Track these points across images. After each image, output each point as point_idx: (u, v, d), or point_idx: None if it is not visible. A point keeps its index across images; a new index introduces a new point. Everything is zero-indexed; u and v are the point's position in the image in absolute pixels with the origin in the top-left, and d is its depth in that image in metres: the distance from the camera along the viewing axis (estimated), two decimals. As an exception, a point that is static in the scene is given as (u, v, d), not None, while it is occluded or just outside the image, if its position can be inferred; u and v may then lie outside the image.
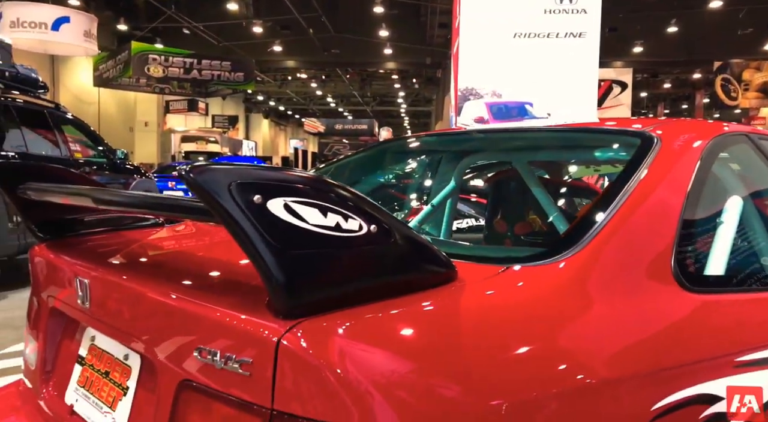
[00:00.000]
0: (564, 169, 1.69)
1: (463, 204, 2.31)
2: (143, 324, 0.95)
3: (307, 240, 0.74)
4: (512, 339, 0.84)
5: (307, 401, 0.72)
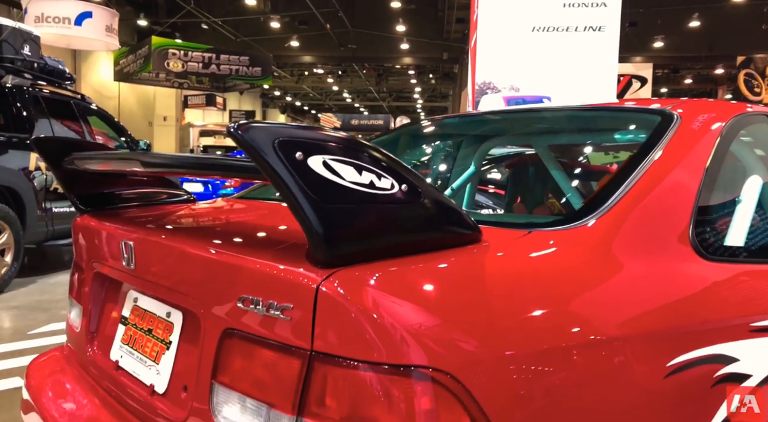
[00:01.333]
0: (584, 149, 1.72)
1: (481, 195, 2.36)
2: (188, 279, 1.02)
3: (344, 195, 0.80)
4: (533, 293, 0.88)
5: (343, 342, 0.78)
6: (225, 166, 0.94)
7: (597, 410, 0.86)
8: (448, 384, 0.76)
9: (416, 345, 0.76)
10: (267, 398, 0.85)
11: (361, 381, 0.77)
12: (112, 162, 1.16)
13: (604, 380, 0.87)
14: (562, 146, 1.74)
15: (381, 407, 0.76)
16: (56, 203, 5.01)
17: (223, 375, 0.92)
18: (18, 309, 4.05)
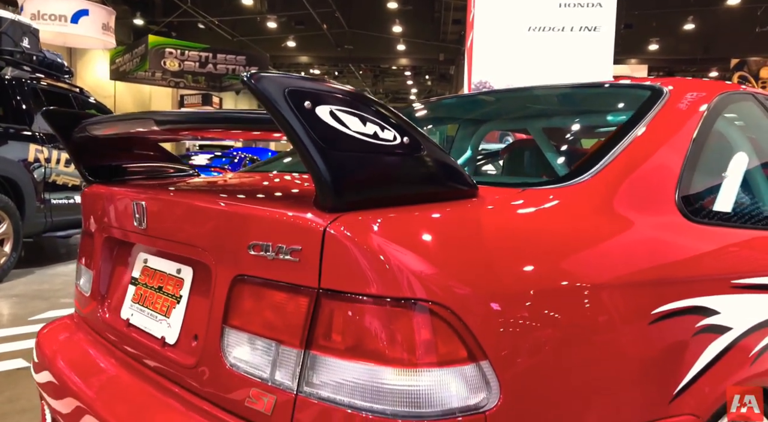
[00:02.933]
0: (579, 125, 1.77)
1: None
2: (200, 232, 1.07)
3: (349, 143, 0.85)
4: (526, 240, 0.94)
5: (349, 278, 0.83)
6: (239, 119, 0.99)
7: (585, 349, 0.92)
8: (446, 316, 0.82)
9: (416, 280, 0.82)
10: (276, 335, 0.91)
11: (365, 314, 0.82)
12: (126, 123, 1.20)
13: (591, 322, 0.93)
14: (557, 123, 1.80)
15: (383, 337, 0.81)
16: (55, 195, 5.05)
17: (234, 319, 0.97)
18: (18, 298, 4.08)
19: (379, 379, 0.81)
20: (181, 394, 1.06)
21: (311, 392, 0.86)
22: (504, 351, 0.84)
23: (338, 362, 0.84)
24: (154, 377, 1.14)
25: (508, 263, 0.90)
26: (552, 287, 0.91)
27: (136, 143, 1.61)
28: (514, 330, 0.86)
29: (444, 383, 0.81)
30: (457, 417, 0.80)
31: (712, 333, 1.09)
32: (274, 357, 0.91)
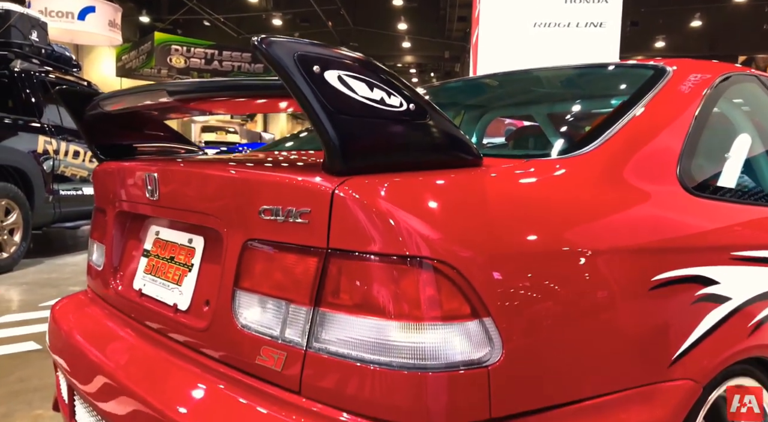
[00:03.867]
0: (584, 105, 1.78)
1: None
2: (212, 199, 1.10)
3: (357, 108, 0.88)
4: (529, 204, 0.97)
5: (356, 238, 0.86)
6: (250, 86, 1.02)
7: (585, 311, 0.94)
8: (450, 274, 0.84)
9: (421, 239, 0.84)
10: (286, 295, 0.94)
11: (372, 271, 0.85)
12: (138, 96, 1.23)
13: (592, 285, 0.96)
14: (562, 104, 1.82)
15: (389, 293, 0.84)
16: (63, 186, 5.10)
17: (245, 282, 1.01)
18: (28, 285, 4.14)
19: (386, 333, 0.84)
20: (193, 357, 1.09)
21: (320, 347, 0.89)
22: (507, 310, 0.87)
23: (346, 318, 0.87)
24: (167, 342, 1.18)
25: (512, 226, 0.92)
26: (554, 250, 0.94)
27: (146, 123, 1.65)
28: (516, 289, 0.88)
29: (448, 338, 0.83)
30: (460, 370, 0.83)
31: (711, 302, 1.11)
32: (284, 315, 0.94)
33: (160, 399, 1.04)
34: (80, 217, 5.33)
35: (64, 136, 5.12)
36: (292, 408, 0.89)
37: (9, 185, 4.55)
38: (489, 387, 0.84)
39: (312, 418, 0.87)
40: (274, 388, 0.93)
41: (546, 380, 0.89)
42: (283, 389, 0.92)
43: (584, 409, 0.92)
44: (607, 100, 1.33)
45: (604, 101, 1.37)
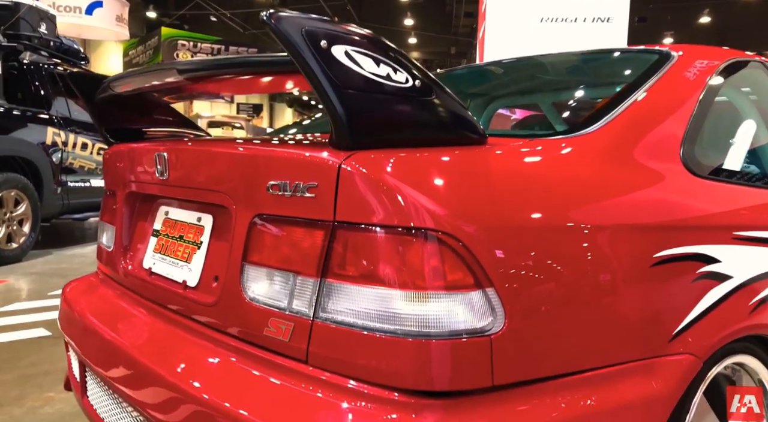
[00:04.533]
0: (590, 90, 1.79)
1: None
2: (221, 176, 1.12)
3: (363, 83, 0.90)
4: (533, 180, 0.98)
5: (362, 210, 0.88)
6: (258, 63, 1.04)
7: (587, 284, 0.96)
8: (454, 246, 0.86)
9: (426, 211, 0.86)
10: (294, 267, 0.96)
11: (378, 243, 0.87)
12: (148, 76, 1.26)
13: (594, 260, 0.97)
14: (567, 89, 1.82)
15: (395, 264, 0.86)
16: (71, 177, 5.15)
17: (253, 256, 1.03)
18: (37, 275, 4.19)
19: (391, 303, 0.86)
20: (202, 331, 1.12)
21: (327, 317, 0.91)
22: (509, 281, 0.88)
23: (352, 288, 0.89)
24: (176, 318, 1.20)
25: (515, 201, 0.94)
26: (557, 225, 0.95)
27: (155, 108, 1.67)
28: (519, 262, 0.90)
29: (451, 307, 0.85)
30: (463, 338, 0.85)
31: (712, 279, 1.13)
32: (292, 287, 0.96)
33: (171, 371, 1.07)
34: (88, 209, 5.38)
35: (73, 128, 5.16)
36: (300, 377, 0.92)
37: (18, 176, 4.60)
38: (491, 355, 0.85)
39: (319, 386, 0.89)
40: (282, 358, 0.95)
41: (547, 350, 0.91)
42: (291, 359, 0.94)
43: (584, 380, 0.94)
44: (613, 84, 1.34)
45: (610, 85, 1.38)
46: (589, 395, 0.93)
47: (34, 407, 2.06)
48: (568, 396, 0.91)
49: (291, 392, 0.91)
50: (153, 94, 1.59)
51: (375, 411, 0.84)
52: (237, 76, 1.12)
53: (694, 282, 1.10)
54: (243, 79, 1.17)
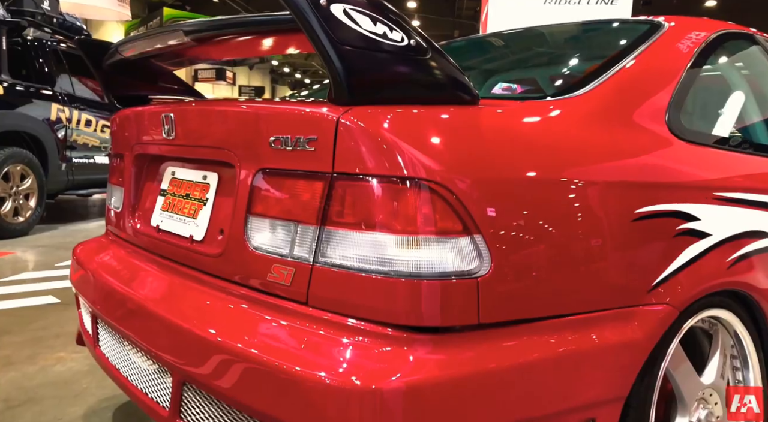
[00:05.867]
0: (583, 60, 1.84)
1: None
2: (225, 134, 1.18)
3: (361, 40, 0.95)
4: (522, 136, 1.04)
5: (359, 162, 0.94)
6: (261, 21, 1.09)
7: (570, 234, 1.02)
8: (444, 195, 0.92)
9: (419, 162, 0.92)
10: (295, 217, 1.02)
11: (373, 192, 0.93)
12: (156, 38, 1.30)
13: (577, 212, 1.03)
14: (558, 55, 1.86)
15: (389, 211, 0.92)
16: (76, 153, 5.21)
17: (257, 208, 1.09)
18: (44, 248, 4.27)
19: (385, 247, 0.92)
20: (209, 280, 1.18)
21: (325, 261, 0.97)
22: (496, 229, 0.94)
23: (350, 234, 0.96)
24: (184, 270, 1.27)
25: (504, 156, 1.00)
26: (542, 178, 1.01)
27: (160, 76, 1.73)
28: (506, 211, 0.96)
29: (442, 251, 0.92)
30: (452, 279, 0.91)
31: (691, 236, 1.19)
32: (293, 235, 1.02)
33: (182, 317, 1.14)
34: (92, 185, 5.44)
35: (77, 105, 5.20)
36: (302, 317, 0.99)
37: (24, 151, 4.66)
38: (478, 296, 0.92)
39: (320, 324, 0.96)
40: (284, 301, 1.02)
41: (531, 294, 0.98)
42: (293, 301, 1.01)
43: (566, 324, 1.00)
44: (604, 52, 1.39)
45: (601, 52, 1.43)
46: (570, 337, 1.00)
47: (46, 366, 2.14)
48: (550, 337, 0.98)
49: (295, 330, 0.98)
50: (158, 63, 1.65)
51: (371, 344, 0.91)
52: (240, 35, 1.17)
53: (674, 238, 1.16)
54: (246, 40, 1.22)
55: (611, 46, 1.50)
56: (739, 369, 1.33)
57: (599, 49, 1.56)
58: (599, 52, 1.51)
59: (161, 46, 1.32)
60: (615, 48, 1.42)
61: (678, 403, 1.21)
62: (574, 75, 1.39)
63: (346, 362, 0.90)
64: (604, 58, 1.33)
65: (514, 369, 0.94)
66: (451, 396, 0.88)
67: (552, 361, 0.97)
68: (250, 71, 25.28)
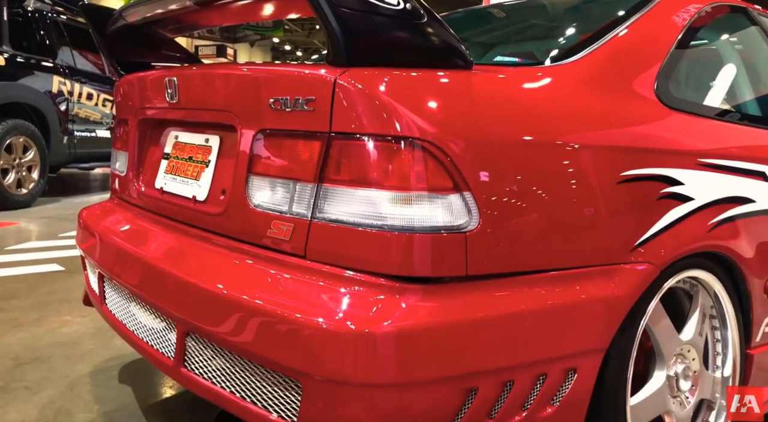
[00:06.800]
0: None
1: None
2: (227, 95, 1.22)
3: (359, 3, 0.98)
4: (513, 100, 1.08)
5: (355, 121, 0.98)
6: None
7: (556, 193, 1.07)
8: (436, 153, 0.97)
9: (412, 122, 0.96)
10: (294, 175, 1.07)
11: (369, 150, 0.98)
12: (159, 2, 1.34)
13: (563, 173, 1.08)
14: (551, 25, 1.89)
15: (383, 169, 0.97)
16: (78, 126, 5.23)
17: (258, 167, 1.14)
18: (47, 219, 4.34)
19: (379, 202, 0.97)
20: (211, 238, 1.24)
21: (323, 217, 1.02)
22: (485, 186, 0.99)
23: (346, 190, 1.00)
24: (187, 229, 1.32)
25: (495, 118, 1.04)
26: (530, 140, 1.06)
27: (163, 44, 1.76)
28: (495, 171, 1.01)
29: (433, 206, 0.97)
30: (442, 233, 0.96)
31: (675, 199, 1.23)
32: (292, 193, 1.07)
33: (184, 270, 1.20)
34: (94, 159, 5.49)
35: (78, 78, 5.21)
36: (301, 269, 1.04)
37: (26, 123, 4.69)
38: (466, 249, 0.97)
39: (317, 276, 1.02)
40: (284, 255, 1.08)
41: (517, 249, 1.03)
42: (291, 255, 1.06)
43: (550, 278, 1.06)
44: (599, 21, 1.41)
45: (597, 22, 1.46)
46: (555, 290, 1.06)
47: (53, 328, 2.22)
48: (535, 290, 1.04)
49: (294, 282, 1.03)
50: (160, 31, 1.68)
51: (366, 293, 0.96)
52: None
53: (658, 200, 1.21)
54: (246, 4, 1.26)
55: (606, 16, 1.52)
56: (718, 329, 1.39)
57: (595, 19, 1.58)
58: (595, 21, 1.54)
59: (164, 10, 1.35)
60: (610, 17, 1.45)
61: (657, 357, 1.27)
62: (568, 43, 1.42)
63: (343, 309, 0.96)
64: (598, 27, 1.37)
65: (500, 318, 0.99)
66: (439, 340, 0.94)
67: (536, 312, 1.03)
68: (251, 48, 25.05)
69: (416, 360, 0.93)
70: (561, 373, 1.07)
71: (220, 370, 1.11)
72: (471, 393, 0.98)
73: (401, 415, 0.94)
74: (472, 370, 0.98)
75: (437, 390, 0.96)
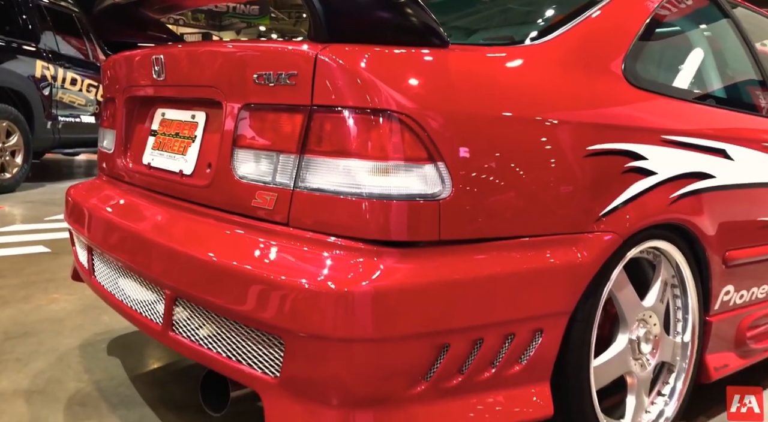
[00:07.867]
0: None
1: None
2: (212, 71, 1.26)
3: None
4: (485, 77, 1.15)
5: (335, 95, 1.04)
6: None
7: (524, 164, 1.14)
8: (412, 126, 1.03)
9: (390, 96, 1.02)
10: (277, 147, 1.12)
11: (348, 122, 1.04)
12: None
13: (532, 145, 1.15)
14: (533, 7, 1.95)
15: (362, 140, 1.03)
16: (61, 112, 5.20)
17: (242, 141, 1.19)
18: (32, 203, 4.33)
19: (358, 172, 1.03)
20: (198, 209, 1.29)
21: (305, 186, 1.08)
22: (458, 158, 1.06)
23: (327, 161, 1.06)
24: (174, 202, 1.37)
25: (468, 93, 1.11)
26: (501, 114, 1.12)
27: (149, 24, 1.79)
28: (467, 143, 1.07)
29: (408, 175, 1.03)
30: (417, 200, 1.03)
31: (638, 173, 1.31)
32: (275, 164, 1.13)
33: (172, 239, 1.25)
34: (78, 145, 5.46)
35: (62, 63, 5.18)
36: (285, 236, 1.10)
37: (9, 107, 4.66)
38: (439, 216, 1.04)
39: (300, 242, 1.08)
40: (268, 224, 1.13)
41: (487, 217, 1.10)
42: (275, 223, 1.12)
43: (519, 244, 1.13)
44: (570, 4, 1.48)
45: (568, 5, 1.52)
46: (522, 255, 1.13)
47: (41, 305, 2.25)
48: (504, 255, 1.11)
49: (279, 248, 1.09)
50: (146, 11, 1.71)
51: (346, 257, 1.03)
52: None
53: (622, 174, 1.28)
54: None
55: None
56: (679, 297, 1.48)
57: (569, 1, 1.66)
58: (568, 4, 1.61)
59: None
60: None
61: (620, 322, 1.35)
62: (542, 24, 1.49)
63: (324, 271, 1.02)
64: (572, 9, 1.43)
65: (471, 280, 1.06)
66: (413, 299, 1.01)
67: (505, 275, 1.10)
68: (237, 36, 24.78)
69: (392, 318, 0.99)
70: (528, 333, 1.14)
71: (207, 332, 1.17)
72: (443, 349, 1.05)
73: (377, 369, 1.01)
74: (445, 328, 1.04)
75: (411, 346, 1.03)
